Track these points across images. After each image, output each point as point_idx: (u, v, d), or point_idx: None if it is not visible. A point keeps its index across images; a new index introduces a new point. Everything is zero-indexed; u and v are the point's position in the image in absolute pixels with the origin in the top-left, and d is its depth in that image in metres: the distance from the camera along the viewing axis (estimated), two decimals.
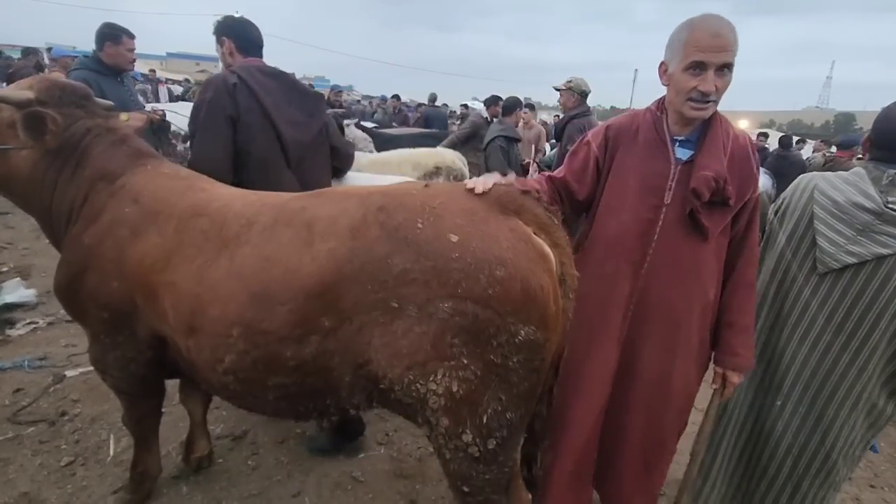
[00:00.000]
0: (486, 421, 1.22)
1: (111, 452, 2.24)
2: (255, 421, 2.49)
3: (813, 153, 9.04)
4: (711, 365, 1.61)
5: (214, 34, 2.21)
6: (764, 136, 9.95)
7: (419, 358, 1.18)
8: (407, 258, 1.18)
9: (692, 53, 1.32)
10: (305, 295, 1.23)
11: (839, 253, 1.43)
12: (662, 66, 1.45)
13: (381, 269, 1.19)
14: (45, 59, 7.25)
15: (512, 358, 1.19)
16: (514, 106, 4.82)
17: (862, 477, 2.63)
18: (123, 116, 2.13)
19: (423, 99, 13.35)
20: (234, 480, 2.16)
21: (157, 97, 10.00)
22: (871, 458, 2.71)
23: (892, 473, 2.70)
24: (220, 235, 1.38)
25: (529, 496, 1.69)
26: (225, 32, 2.19)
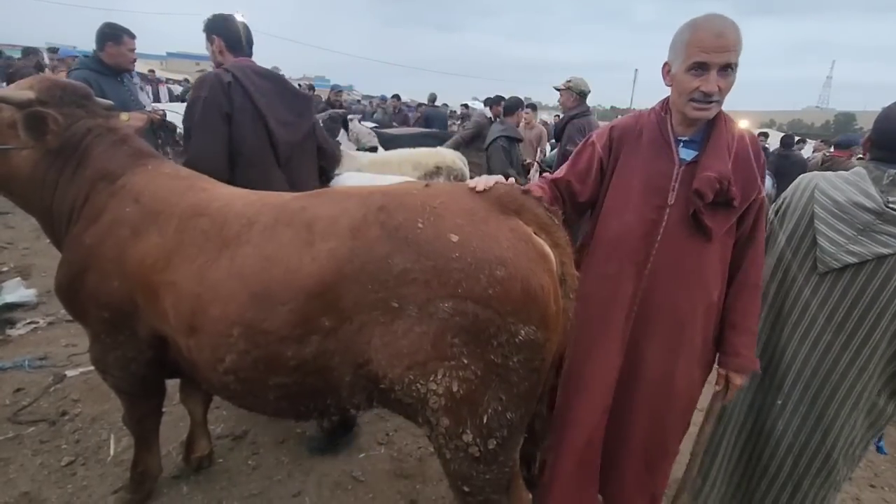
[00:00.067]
0: (486, 421, 1.22)
1: (112, 452, 2.24)
2: (255, 421, 2.49)
3: (813, 153, 9.03)
4: (715, 367, 1.60)
5: (204, 32, 2.22)
6: (764, 135, 9.94)
7: (419, 358, 1.18)
8: (407, 258, 1.18)
9: (694, 54, 1.32)
10: (306, 295, 1.23)
11: (840, 252, 1.43)
12: (666, 66, 1.44)
13: (381, 268, 1.19)
14: (45, 59, 7.25)
15: (512, 358, 1.19)
16: (515, 106, 4.82)
17: (862, 477, 2.63)
18: (124, 116, 2.13)
19: (423, 99, 13.35)
20: (234, 480, 2.16)
21: (157, 97, 10.01)
22: (871, 457, 2.71)
23: (892, 473, 2.70)
24: (220, 235, 1.38)
25: (530, 496, 1.69)
26: (214, 31, 2.20)
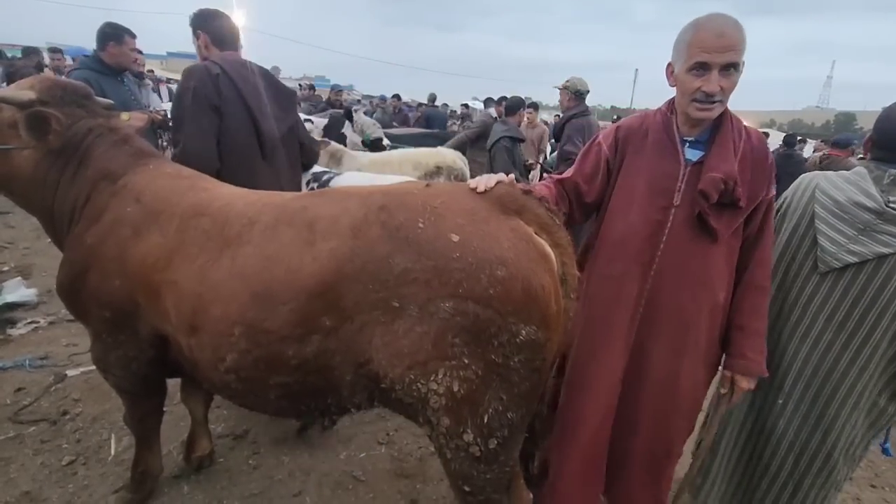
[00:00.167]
0: (487, 421, 1.22)
1: (112, 452, 2.24)
2: (256, 420, 2.49)
3: (813, 153, 9.03)
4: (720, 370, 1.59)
5: (190, 26, 2.21)
6: (765, 135, 9.91)
7: (420, 357, 1.18)
8: (408, 258, 1.18)
9: (696, 54, 1.32)
10: (307, 294, 1.23)
11: (840, 252, 1.43)
12: (669, 67, 1.44)
13: (382, 268, 1.19)
14: (45, 59, 7.24)
15: (513, 358, 1.19)
16: (517, 106, 4.81)
17: (863, 477, 2.63)
18: (124, 116, 2.13)
19: (423, 99, 13.34)
20: (235, 480, 2.16)
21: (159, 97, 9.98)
22: (872, 457, 2.71)
23: (892, 473, 2.70)
24: (221, 235, 1.38)
25: (531, 495, 1.69)
26: (200, 26, 2.20)
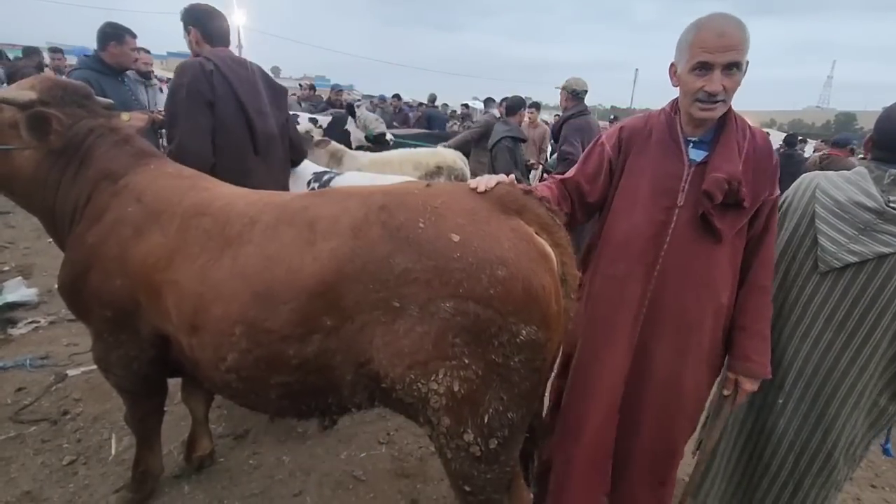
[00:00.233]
0: (487, 420, 1.22)
1: (113, 451, 2.24)
2: (256, 420, 2.50)
3: (814, 153, 9.04)
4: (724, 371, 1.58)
5: (181, 21, 2.21)
6: None
7: (420, 357, 1.18)
8: (408, 258, 1.18)
9: (697, 54, 1.32)
10: (308, 294, 1.23)
11: (840, 252, 1.43)
12: (672, 67, 1.44)
13: (382, 268, 1.19)
14: (46, 59, 7.25)
15: (513, 358, 1.19)
16: (518, 106, 4.80)
17: (863, 477, 2.63)
18: (125, 116, 2.13)
19: (423, 99, 13.34)
20: (235, 479, 2.16)
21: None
22: (872, 458, 2.71)
23: (893, 474, 2.70)
24: (222, 234, 1.38)
25: (531, 495, 1.69)
26: (191, 21, 2.19)
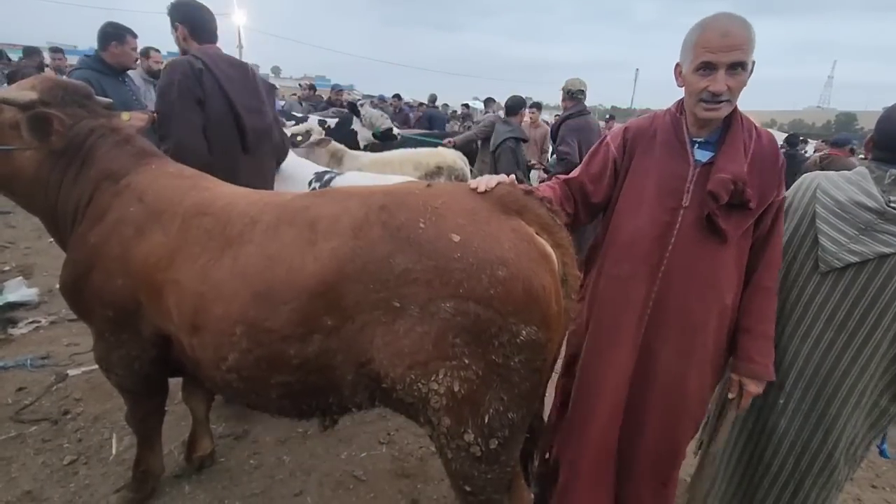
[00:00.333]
0: (487, 421, 1.22)
1: (114, 451, 2.25)
2: (257, 420, 2.50)
3: (814, 153, 9.04)
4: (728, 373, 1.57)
5: (168, 17, 2.20)
6: None
7: (421, 357, 1.18)
8: (409, 258, 1.18)
9: (701, 54, 1.32)
10: (308, 294, 1.24)
11: (841, 252, 1.43)
12: (677, 67, 1.44)
13: (383, 268, 1.19)
14: (46, 59, 7.26)
15: (514, 358, 1.19)
16: (518, 106, 4.79)
17: (863, 477, 2.63)
18: (125, 116, 2.13)
19: (423, 99, 13.34)
20: (236, 479, 2.17)
21: None
22: (872, 458, 2.70)
23: (893, 474, 2.70)
24: (223, 234, 1.39)
25: (531, 495, 1.69)
26: (178, 18, 2.19)
